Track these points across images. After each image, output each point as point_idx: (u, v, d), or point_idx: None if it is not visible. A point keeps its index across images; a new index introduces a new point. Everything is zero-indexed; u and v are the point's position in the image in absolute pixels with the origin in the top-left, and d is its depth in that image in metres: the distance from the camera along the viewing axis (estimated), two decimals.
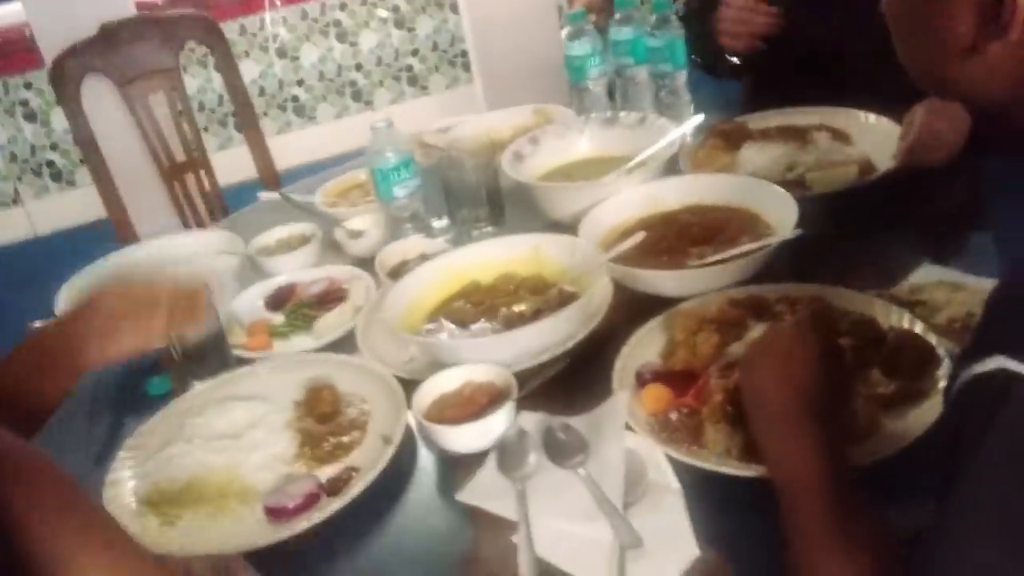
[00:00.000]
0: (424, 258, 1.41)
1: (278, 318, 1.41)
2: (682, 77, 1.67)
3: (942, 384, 0.97)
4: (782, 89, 1.69)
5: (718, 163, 1.56)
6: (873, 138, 1.51)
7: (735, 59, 1.70)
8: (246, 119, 2.52)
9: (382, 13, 4.42)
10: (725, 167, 1.54)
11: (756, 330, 1.10)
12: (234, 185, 2.64)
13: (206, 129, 4.35)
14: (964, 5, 0.68)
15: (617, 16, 1.70)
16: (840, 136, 1.55)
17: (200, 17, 2.48)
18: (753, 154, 1.54)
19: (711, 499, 0.94)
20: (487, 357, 1.12)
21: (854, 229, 1.33)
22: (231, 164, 2.75)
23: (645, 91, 1.73)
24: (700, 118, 1.53)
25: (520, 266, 1.33)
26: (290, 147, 4.31)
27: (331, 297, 1.43)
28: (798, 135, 1.57)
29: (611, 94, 1.79)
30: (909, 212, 1.36)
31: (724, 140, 1.60)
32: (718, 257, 1.25)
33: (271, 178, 2.53)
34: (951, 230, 1.35)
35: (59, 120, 4.03)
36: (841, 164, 1.46)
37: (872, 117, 1.56)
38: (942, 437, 0.66)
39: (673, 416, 1.03)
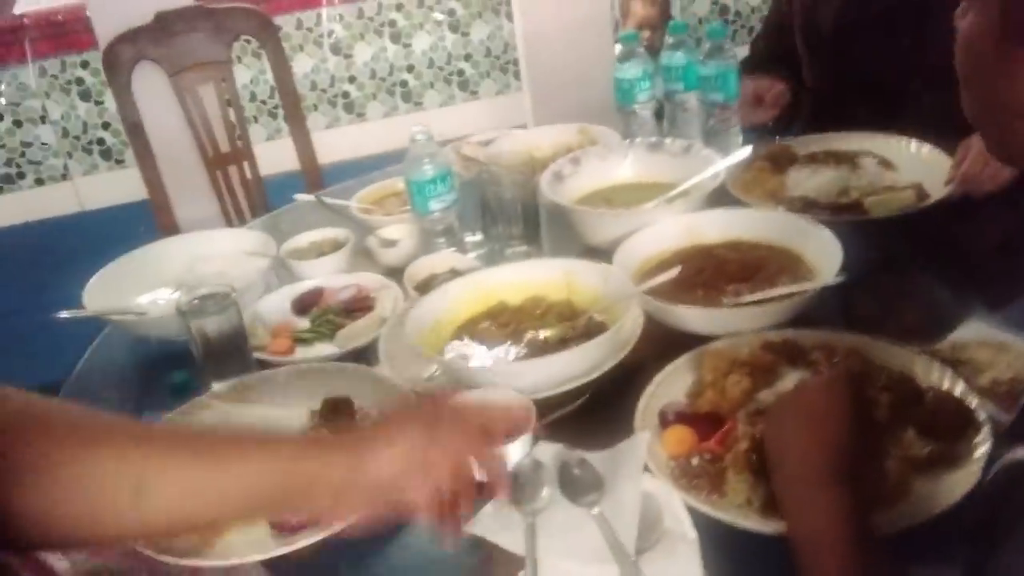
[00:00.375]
0: (454, 273, 1.39)
1: (303, 323, 1.40)
2: (732, 107, 1.63)
3: (980, 451, 0.93)
4: (834, 110, 1.70)
5: (767, 185, 1.54)
6: (919, 166, 1.52)
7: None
8: (293, 116, 2.53)
9: (438, 16, 4.42)
10: (774, 189, 1.53)
11: (789, 378, 1.06)
12: (279, 175, 2.66)
13: (255, 119, 4.39)
14: None
15: (670, 40, 1.67)
16: (885, 163, 1.56)
17: (254, 12, 2.49)
18: (803, 177, 1.55)
19: (728, 552, 0.90)
20: (509, 383, 1.10)
21: (903, 269, 1.32)
22: (278, 155, 2.75)
23: (694, 118, 1.69)
24: (747, 150, 1.49)
25: (550, 290, 1.31)
26: (338, 142, 4.34)
27: (358, 305, 1.41)
28: (846, 160, 1.58)
29: (659, 118, 1.76)
30: (962, 246, 1.33)
31: (771, 163, 1.59)
32: (754, 297, 1.21)
33: (314, 174, 2.54)
34: (1000, 278, 1.30)
35: (112, 101, 4.07)
36: (896, 189, 1.46)
37: (917, 145, 1.57)
38: (976, 509, 0.62)
39: (695, 461, 0.99)
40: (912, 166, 1.53)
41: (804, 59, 1.79)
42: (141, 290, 1.55)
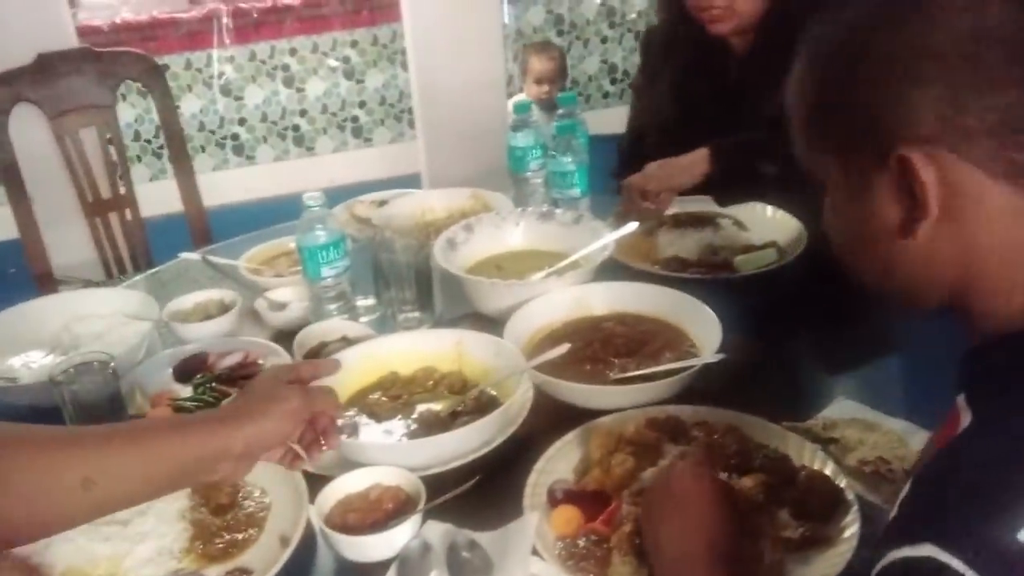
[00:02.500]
0: (346, 341, 1.38)
1: (186, 390, 1.36)
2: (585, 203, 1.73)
3: (849, 531, 0.98)
4: None
5: (641, 248, 1.64)
6: (770, 227, 1.67)
7: None
8: (179, 162, 2.47)
9: (332, 63, 4.41)
10: (647, 251, 1.64)
11: (671, 455, 1.09)
12: (163, 216, 2.61)
13: (139, 159, 4.27)
14: (887, 198, 0.70)
15: (560, 111, 1.71)
16: (739, 224, 1.69)
17: (141, 57, 2.43)
18: (673, 239, 1.65)
19: None
20: (397, 461, 1.09)
21: (777, 339, 1.40)
22: (163, 195, 2.68)
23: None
24: (634, 225, 1.54)
25: (442, 361, 1.31)
26: (226, 184, 4.25)
27: (245, 372, 1.38)
28: (707, 222, 1.70)
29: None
30: (828, 303, 1.42)
31: (643, 230, 1.66)
32: (638, 373, 1.25)
33: (199, 219, 2.49)
34: (867, 354, 1.38)
35: None
36: (757, 248, 1.59)
37: (763, 207, 1.72)
38: None
39: (581, 542, 1.01)
40: (764, 227, 1.66)
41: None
42: (14, 351, 1.47)
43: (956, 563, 0.56)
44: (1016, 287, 0.68)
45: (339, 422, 1.20)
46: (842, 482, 1.04)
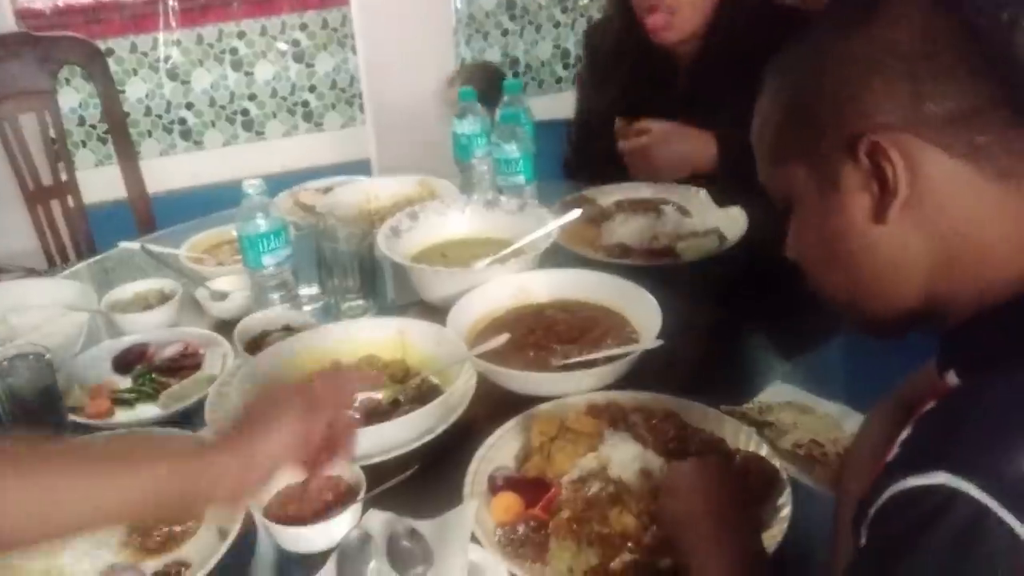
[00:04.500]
0: (288, 330, 1.38)
1: (125, 382, 1.34)
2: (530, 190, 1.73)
3: (784, 512, 1.00)
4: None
5: (585, 235, 1.64)
6: (713, 214, 1.66)
7: None
8: (122, 149, 2.42)
9: (281, 46, 4.36)
10: (592, 238, 1.64)
11: (610, 442, 1.10)
12: (108, 203, 2.59)
13: (83, 144, 4.19)
14: (856, 187, 0.73)
15: (505, 99, 1.71)
16: (683, 211, 1.69)
17: (81, 41, 2.38)
18: (616, 225, 1.65)
19: None
20: None
21: (716, 325, 1.42)
22: (107, 181, 2.63)
23: None
24: (577, 212, 1.55)
25: (384, 350, 1.31)
26: (173, 170, 4.19)
27: (184, 363, 1.37)
28: (650, 208, 1.70)
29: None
30: (766, 289, 1.44)
31: (587, 217, 1.67)
32: (580, 359, 1.26)
33: (143, 207, 2.45)
34: (805, 339, 1.41)
35: None
36: (700, 235, 1.60)
37: (704, 193, 1.72)
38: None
39: (520, 529, 1.01)
40: (707, 214, 1.67)
41: None
42: None
43: (972, 489, 0.57)
44: (986, 264, 0.71)
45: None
46: (777, 464, 1.06)
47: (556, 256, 1.54)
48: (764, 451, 1.08)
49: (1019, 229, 0.70)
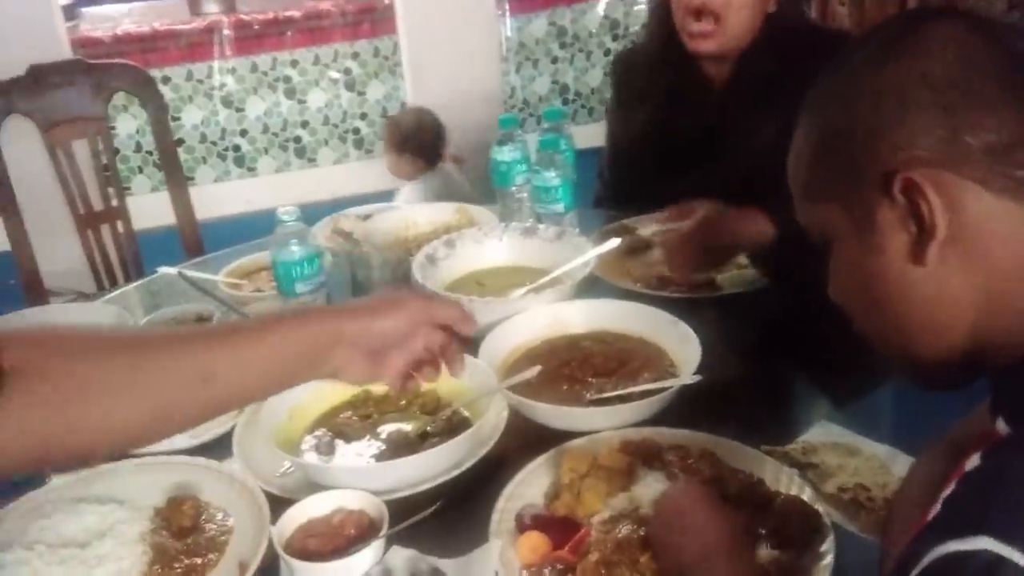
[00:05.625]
0: None
1: None
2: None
3: (826, 560, 0.94)
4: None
5: (625, 265, 1.61)
6: None
7: None
8: (172, 175, 2.45)
9: (333, 74, 4.41)
10: (631, 268, 1.60)
11: (644, 481, 1.06)
12: (162, 228, 2.61)
13: (140, 170, 4.27)
14: (893, 227, 0.70)
15: (545, 126, 1.69)
16: None
17: (133, 68, 2.42)
18: (656, 256, 1.61)
19: None
20: (363, 484, 1.06)
21: (758, 361, 1.37)
22: (163, 207, 2.67)
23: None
24: (616, 241, 1.51)
25: None
26: (227, 196, 4.25)
27: None
28: None
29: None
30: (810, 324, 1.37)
31: (626, 247, 1.64)
32: (615, 394, 1.22)
33: (191, 233, 2.47)
34: (851, 379, 1.35)
35: None
36: (742, 266, 1.56)
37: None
38: None
39: (547, 571, 0.97)
40: None
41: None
42: None
43: (1017, 555, 0.54)
44: None
45: (313, 439, 1.19)
46: (820, 508, 1.01)
47: (593, 286, 1.50)
48: (807, 495, 1.03)
49: None
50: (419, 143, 3.08)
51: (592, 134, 3.24)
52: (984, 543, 0.55)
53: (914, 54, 0.69)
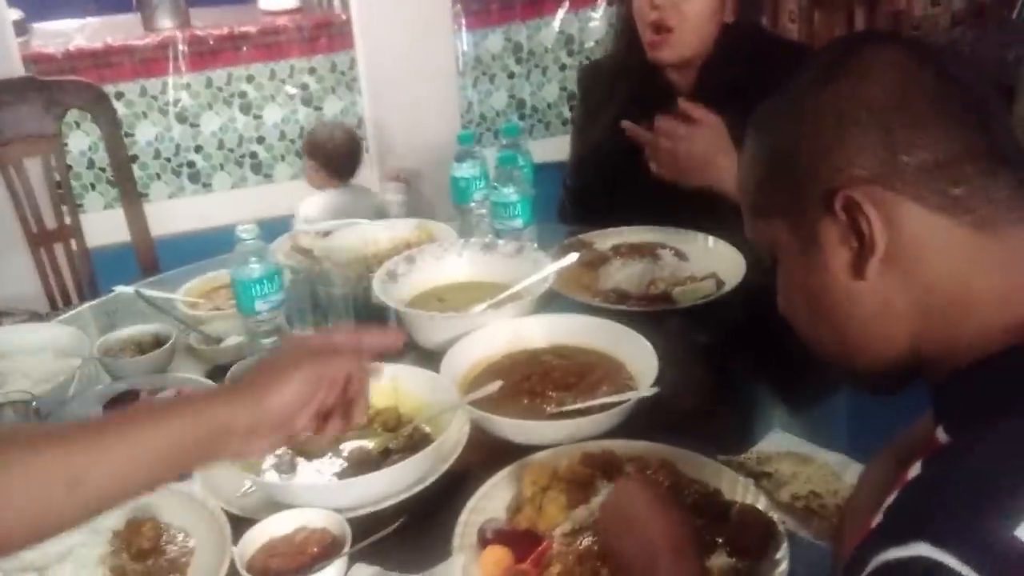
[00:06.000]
0: None
1: None
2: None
3: (781, 568, 0.97)
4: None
5: (582, 280, 1.63)
6: (711, 258, 1.65)
7: None
8: (127, 193, 2.43)
9: (290, 89, 4.39)
10: (588, 283, 1.62)
11: (604, 493, 1.07)
12: (116, 245, 2.57)
13: (92, 187, 4.21)
14: (834, 243, 0.72)
15: (504, 142, 1.71)
16: (680, 255, 1.68)
17: (87, 85, 2.40)
18: (613, 270, 1.63)
19: None
20: (326, 501, 1.07)
21: (714, 372, 1.39)
22: (116, 224, 2.64)
23: None
24: (574, 257, 1.54)
25: (377, 397, 1.27)
26: (181, 212, 4.20)
27: None
28: (647, 252, 1.69)
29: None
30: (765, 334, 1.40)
31: (584, 262, 1.66)
32: (575, 407, 1.24)
33: (146, 251, 2.44)
34: (804, 387, 1.38)
35: None
36: (697, 279, 1.58)
37: (706, 238, 1.69)
38: None
39: None
40: (705, 258, 1.65)
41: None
42: None
43: (951, 560, 0.56)
44: (970, 316, 0.69)
45: (274, 458, 1.19)
46: (775, 516, 1.03)
47: (553, 301, 1.52)
48: (762, 503, 1.05)
49: (1003, 280, 0.69)
50: (326, 155, 3.19)
51: (549, 149, 3.27)
52: (921, 549, 0.57)
53: (853, 76, 0.72)
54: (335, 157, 3.19)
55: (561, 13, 4.70)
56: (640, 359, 1.31)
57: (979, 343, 0.68)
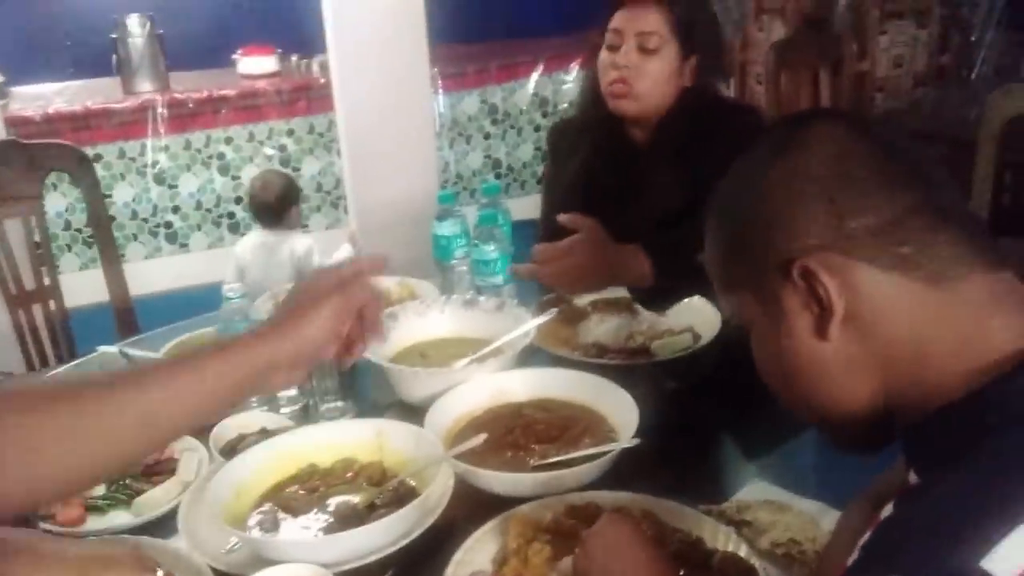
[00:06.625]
0: (265, 434, 1.37)
1: (99, 488, 1.32)
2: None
3: None
4: None
5: (560, 335, 1.66)
6: (686, 312, 1.68)
7: None
8: (107, 254, 2.44)
9: (268, 151, 4.44)
10: (567, 337, 1.65)
11: None
12: (92, 306, 2.61)
13: (69, 248, 4.21)
14: (797, 310, 0.76)
15: (484, 200, 1.75)
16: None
17: (69, 148, 2.42)
18: (592, 325, 1.67)
19: None
20: (311, 557, 1.07)
21: (693, 423, 1.42)
22: (93, 285, 2.65)
23: None
24: (554, 312, 1.57)
25: (362, 452, 1.30)
26: (158, 272, 4.21)
27: (160, 468, 1.35)
28: (624, 308, 1.72)
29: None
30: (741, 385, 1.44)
31: (563, 316, 1.69)
32: (558, 459, 1.26)
33: (125, 311, 2.44)
34: (780, 435, 1.41)
35: None
36: (675, 333, 1.61)
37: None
38: None
39: None
40: (681, 313, 1.69)
41: None
42: None
43: None
44: (928, 367, 0.73)
45: (258, 515, 1.19)
46: (755, 563, 1.05)
47: (534, 356, 1.55)
48: (743, 551, 1.07)
49: (956, 330, 0.72)
50: (257, 201, 3.54)
51: (525, 207, 3.33)
52: None
53: (797, 151, 0.77)
54: (262, 202, 3.53)
55: (535, 76, 4.82)
56: (621, 411, 1.33)
57: (941, 390, 0.72)
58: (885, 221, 0.72)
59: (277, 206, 3.50)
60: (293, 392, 1.53)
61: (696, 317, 1.65)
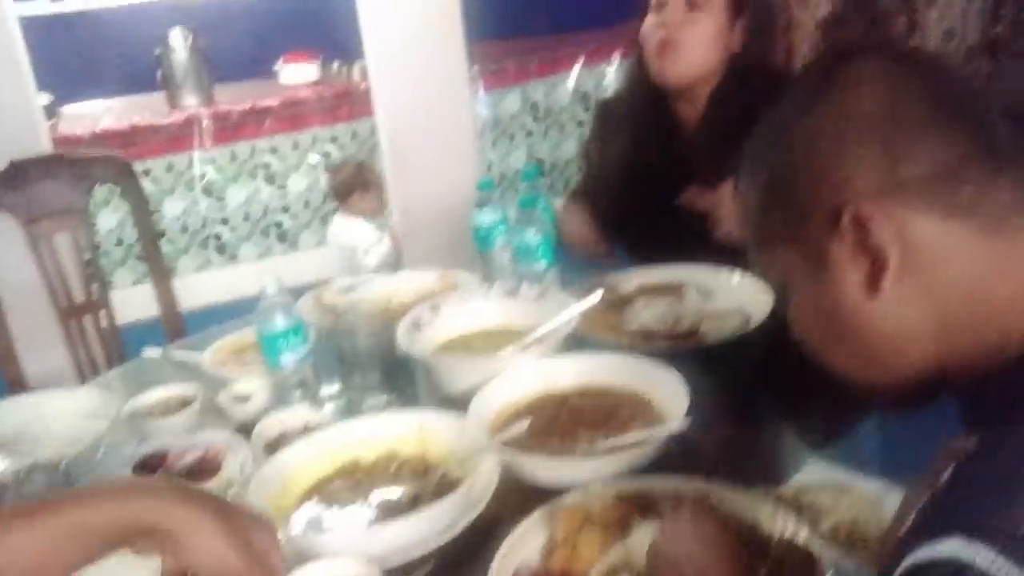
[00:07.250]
0: (307, 430, 1.35)
1: None
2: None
3: None
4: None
5: (608, 321, 1.60)
6: (736, 293, 1.62)
7: None
8: (155, 266, 2.46)
9: (312, 158, 4.47)
10: (614, 324, 1.60)
11: (640, 531, 1.05)
12: (146, 320, 2.60)
13: (122, 263, 4.28)
14: (846, 263, 0.71)
15: (523, 185, 1.72)
16: (705, 292, 1.65)
17: (113, 159, 2.45)
18: (638, 310, 1.62)
19: None
20: (354, 551, 1.05)
21: (746, 406, 1.37)
22: (146, 299, 2.68)
23: None
24: (599, 294, 1.53)
25: (404, 445, 1.28)
26: (209, 285, 4.25)
27: (205, 467, 1.34)
28: (672, 291, 1.67)
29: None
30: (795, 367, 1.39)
31: (609, 302, 1.64)
32: (606, 445, 1.21)
33: (175, 323, 2.47)
34: (837, 417, 1.35)
35: None
36: (723, 315, 1.55)
37: (730, 273, 1.67)
38: None
39: None
40: (729, 293, 1.63)
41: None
42: None
43: (982, 551, 0.54)
44: (992, 321, 0.68)
45: (307, 505, 1.16)
46: (817, 549, 1.00)
47: (578, 342, 1.51)
48: (802, 535, 1.02)
49: (1015, 283, 0.67)
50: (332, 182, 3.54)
51: None
52: (953, 545, 0.56)
53: (843, 92, 0.71)
54: (335, 184, 3.49)
55: (577, 68, 4.77)
56: (669, 395, 1.28)
57: (1002, 346, 0.67)
58: (941, 165, 0.67)
59: (340, 190, 3.48)
60: (335, 388, 1.52)
61: (746, 298, 1.59)
